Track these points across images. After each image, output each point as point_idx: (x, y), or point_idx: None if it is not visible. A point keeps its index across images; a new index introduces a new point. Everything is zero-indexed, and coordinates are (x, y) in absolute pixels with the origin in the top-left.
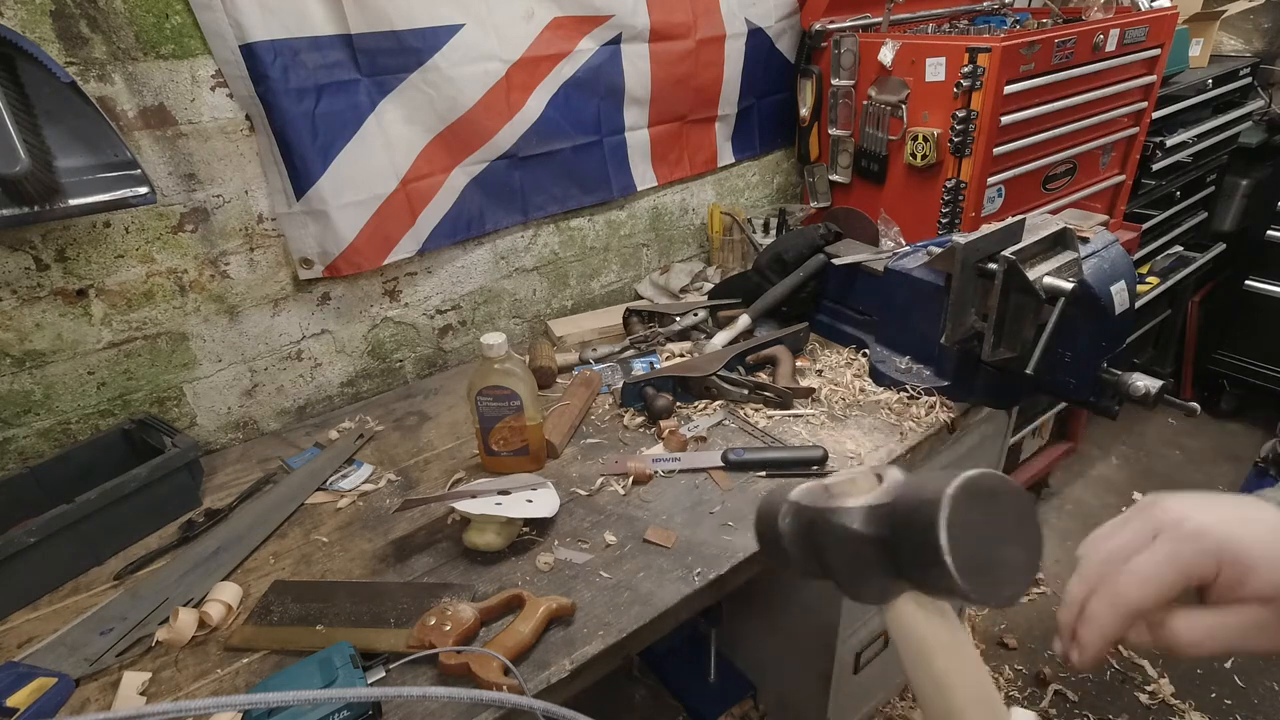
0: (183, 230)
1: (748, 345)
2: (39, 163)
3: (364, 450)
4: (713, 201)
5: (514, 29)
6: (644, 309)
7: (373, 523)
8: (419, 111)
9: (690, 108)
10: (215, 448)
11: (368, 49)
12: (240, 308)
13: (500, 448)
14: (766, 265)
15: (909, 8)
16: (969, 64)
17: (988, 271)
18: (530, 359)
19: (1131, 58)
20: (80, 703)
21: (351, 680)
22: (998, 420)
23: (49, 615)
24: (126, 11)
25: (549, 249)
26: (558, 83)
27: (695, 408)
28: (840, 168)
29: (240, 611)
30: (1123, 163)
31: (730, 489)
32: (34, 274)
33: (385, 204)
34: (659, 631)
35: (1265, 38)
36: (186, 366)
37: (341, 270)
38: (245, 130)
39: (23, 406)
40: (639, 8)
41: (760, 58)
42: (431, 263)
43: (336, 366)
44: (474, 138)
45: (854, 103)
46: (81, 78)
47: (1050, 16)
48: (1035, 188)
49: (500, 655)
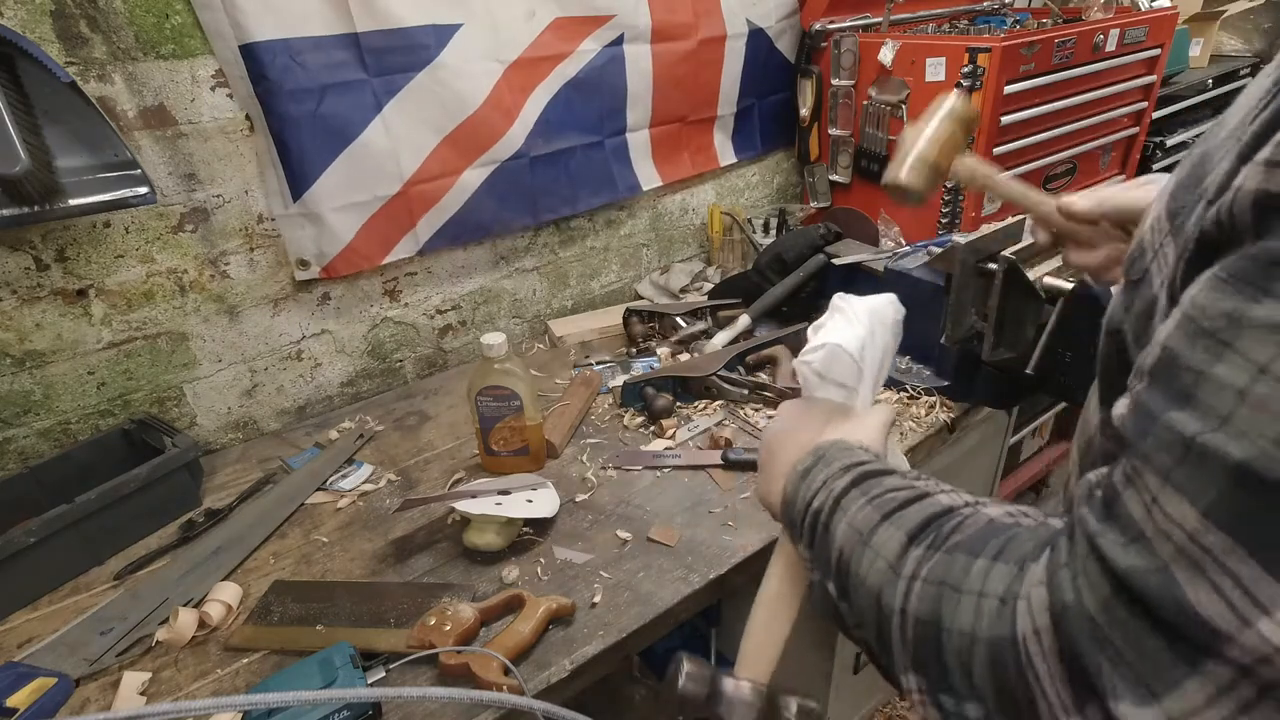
0: (183, 230)
1: (748, 345)
2: (39, 163)
3: (364, 450)
4: (713, 201)
5: (514, 29)
6: (644, 309)
7: (373, 523)
8: (427, 111)
9: (691, 108)
10: (215, 448)
11: (375, 48)
12: (240, 308)
13: (500, 448)
14: (766, 265)
15: (909, 8)
16: (969, 64)
17: (988, 271)
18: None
19: (1131, 58)
20: (80, 703)
21: (351, 680)
22: (998, 420)
23: (49, 615)
24: (126, 11)
25: (549, 249)
26: (559, 83)
27: (695, 408)
28: (840, 168)
29: (240, 611)
30: (1123, 163)
31: (730, 489)
32: (34, 274)
33: (386, 205)
34: (659, 631)
35: (1265, 38)
36: (186, 366)
37: (339, 271)
38: (245, 130)
39: (23, 406)
40: (641, 8)
41: (761, 58)
42: (431, 263)
43: (336, 366)
44: (484, 138)
45: (854, 103)
46: (81, 78)
47: (1050, 16)
48: (1035, 188)
49: (500, 655)
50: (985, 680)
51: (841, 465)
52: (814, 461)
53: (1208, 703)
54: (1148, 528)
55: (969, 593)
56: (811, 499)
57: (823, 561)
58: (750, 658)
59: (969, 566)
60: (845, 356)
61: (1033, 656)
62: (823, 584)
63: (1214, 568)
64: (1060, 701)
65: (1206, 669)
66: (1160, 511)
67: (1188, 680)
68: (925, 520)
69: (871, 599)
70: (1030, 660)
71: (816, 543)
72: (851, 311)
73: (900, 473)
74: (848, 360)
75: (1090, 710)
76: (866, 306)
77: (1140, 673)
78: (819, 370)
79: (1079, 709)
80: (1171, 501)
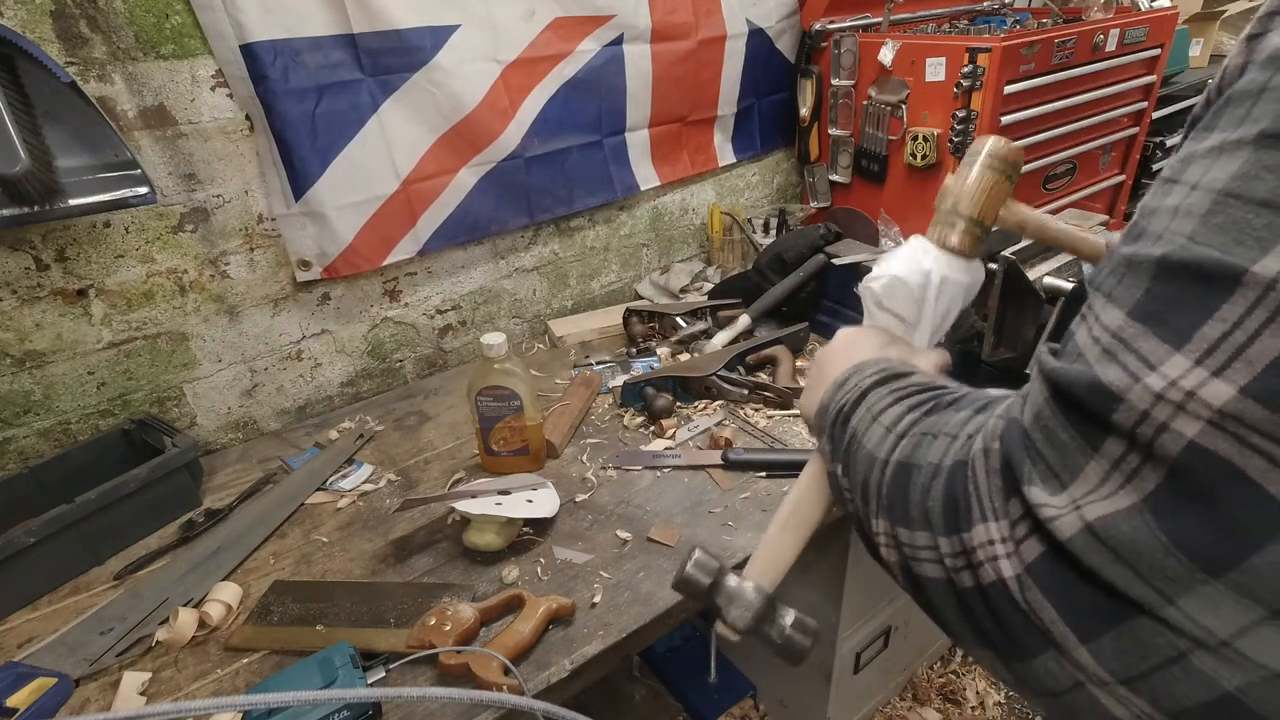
0: (183, 230)
1: (748, 345)
2: (39, 163)
3: (364, 450)
4: (713, 201)
5: (513, 29)
6: (644, 309)
7: (373, 523)
8: (423, 111)
9: (690, 108)
10: (215, 448)
11: (371, 49)
12: (240, 308)
13: (500, 448)
14: (766, 265)
15: (909, 8)
16: (969, 64)
17: (988, 271)
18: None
19: (1131, 58)
20: (80, 703)
21: (351, 680)
22: None
23: (49, 615)
24: (126, 11)
25: (549, 249)
26: (558, 83)
27: (695, 408)
28: (840, 168)
29: (240, 611)
30: (1123, 163)
31: (730, 489)
32: (34, 274)
33: (385, 205)
34: (659, 631)
35: None
36: (186, 366)
37: (340, 271)
38: (245, 130)
39: (23, 406)
40: (640, 8)
41: (761, 58)
42: (431, 263)
43: (336, 366)
44: (479, 138)
45: (854, 103)
46: (81, 78)
47: (1050, 16)
48: (1035, 188)
49: (500, 655)
50: (937, 505)
51: (874, 370)
52: (851, 372)
53: (1101, 480)
54: (1086, 345)
55: (944, 435)
56: (843, 400)
57: (838, 449)
58: (759, 563)
59: (952, 418)
60: (905, 289)
61: (976, 472)
62: (835, 473)
63: (1124, 350)
64: (991, 506)
65: (1103, 448)
66: (1098, 324)
67: (1089, 464)
68: (931, 397)
69: (865, 458)
70: (974, 475)
71: (835, 434)
72: (924, 253)
73: (929, 375)
74: (907, 294)
75: (1012, 505)
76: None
77: (1053, 464)
78: (879, 296)
79: (1005, 509)
80: (1106, 312)
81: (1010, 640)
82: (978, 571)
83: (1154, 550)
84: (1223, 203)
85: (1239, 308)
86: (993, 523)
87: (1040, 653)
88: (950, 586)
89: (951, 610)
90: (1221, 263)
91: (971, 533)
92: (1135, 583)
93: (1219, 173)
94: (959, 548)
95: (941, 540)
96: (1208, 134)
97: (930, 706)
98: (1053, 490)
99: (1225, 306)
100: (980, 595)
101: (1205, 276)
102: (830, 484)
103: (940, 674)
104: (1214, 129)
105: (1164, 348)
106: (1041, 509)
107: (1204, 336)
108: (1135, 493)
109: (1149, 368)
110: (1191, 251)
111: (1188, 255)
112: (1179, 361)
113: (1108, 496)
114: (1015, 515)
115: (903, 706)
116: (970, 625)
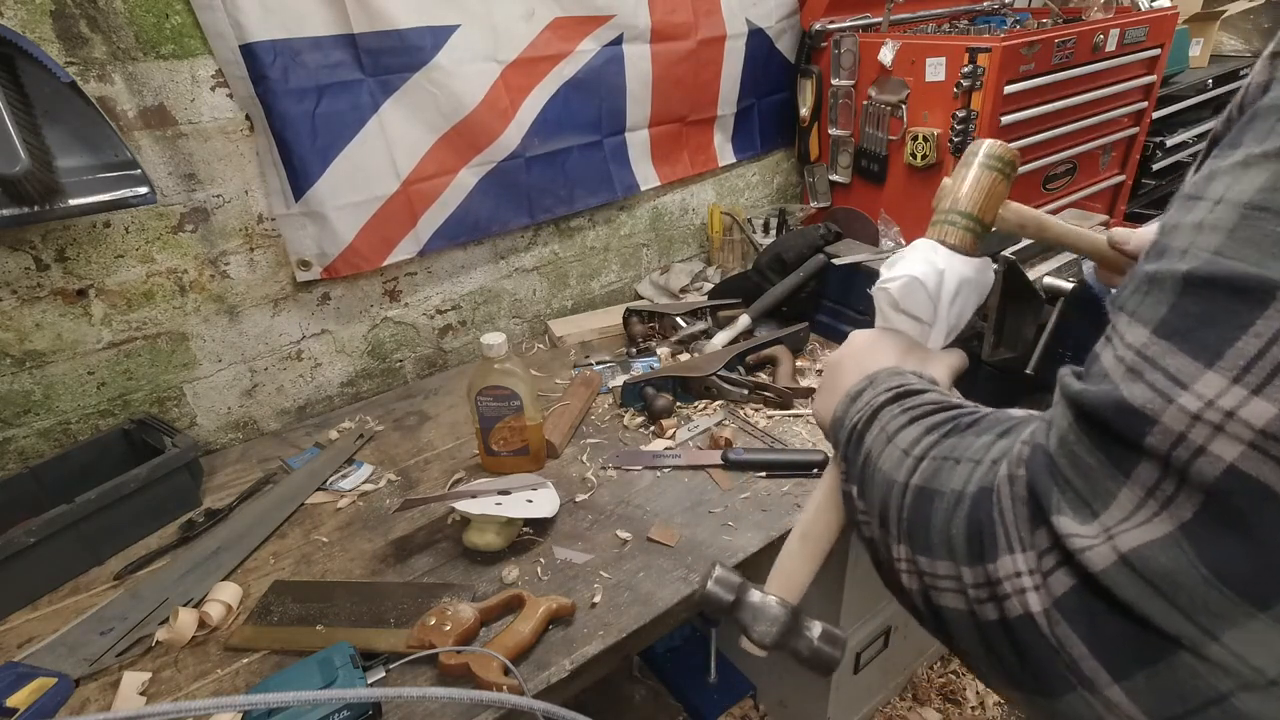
0: (183, 230)
1: (748, 345)
2: (39, 163)
3: (364, 450)
4: (713, 201)
5: (513, 29)
6: (644, 309)
7: (373, 523)
8: (423, 111)
9: (690, 108)
10: (215, 448)
11: (371, 48)
12: (240, 308)
13: (500, 448)
14: (766, 265)
15: (909, 8)
16: (969, 64)
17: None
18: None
19: (1131, 58)
20: (80, 703)
21: (351, 680)
22: None
23: (49, 615)
24: (126, 11)
25: (549, 249)
26: (558, 83)
27: (695, 408)
28: (840, 168)
29: (240, 611)
30: (1123, 163)
31: (730, 489)
32: (34, 274)
33: (385, 205)
34: (659, 631)
35: (1265, 38)
36: (186, 366)
37: (340, 271)
38: (245, 130)
39: (23, 406)
40: (640, 8)
41: (760, 58)
42: (432, 263)
43: (336, 366)
44: (480, 138)
45: (854, 103)
46: (81, 78)
47: (1050, 16)
48: (1035, 188)
49: (500, 655)
50: (960, 533)
51: (887, 386)
52: (866, 385)
53: (1135, 507)
54: (1111, 366)
55: (967, 461)
56: (856, 417)
57: (854, 470)
58: (781, 576)
59: (973, 443)
60: (922, 290)
61: (1002, 500)
62: (850, 493)
63: (1150, 368)
64: (1018, 536)
65: (1136, 474)
66: (1122, 344)
67: (1121, 491)
68: (949, 418)
69: (883, 482)
70: (999, 504)
71: (850, 453)
72: (934, 252)
73: (942, 391)
74: (924, 295)
75: (1039, 536)
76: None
77: (1081, 492)
78: (895, 299)
79: (1032, 539)
80: (1130, 331)
81: (1034, 676)
82: (1003, 604)
83: (1194, 582)
84: (1250, 216)
85: (1275, 322)
86: (1019, 554)
87: (1067, 691)
88: (972, 618)
89: (972, 642)
90: (1255, 276)
91: (997, 564)
92: (1174, 617)
93: (1245, 186)
94: (983, 579)
95: (965, 570)
96: (1232, 150)
97: (930, 706)
98: (1083, 519)
99: (1260, 321)
100: (1004, 629)
101: (1236, 291)
102: (845, 504)
103: (940, 674)
104: (1238, 145)
105: (1194, 365)
106: (1071, 539)
107: (1239, 352)
108: (1171, 520)
109: (1180, 386)
110: (1220, 266)
111: (1216, 270)
112: (1213, 379)
113: (1142, 524)
114: (1043, 546)
115: (903, 707)
116: (992, 658)
